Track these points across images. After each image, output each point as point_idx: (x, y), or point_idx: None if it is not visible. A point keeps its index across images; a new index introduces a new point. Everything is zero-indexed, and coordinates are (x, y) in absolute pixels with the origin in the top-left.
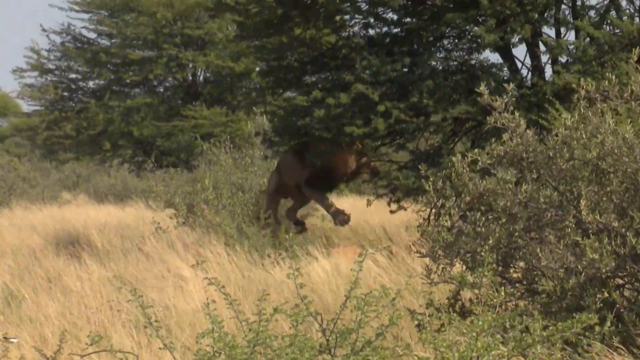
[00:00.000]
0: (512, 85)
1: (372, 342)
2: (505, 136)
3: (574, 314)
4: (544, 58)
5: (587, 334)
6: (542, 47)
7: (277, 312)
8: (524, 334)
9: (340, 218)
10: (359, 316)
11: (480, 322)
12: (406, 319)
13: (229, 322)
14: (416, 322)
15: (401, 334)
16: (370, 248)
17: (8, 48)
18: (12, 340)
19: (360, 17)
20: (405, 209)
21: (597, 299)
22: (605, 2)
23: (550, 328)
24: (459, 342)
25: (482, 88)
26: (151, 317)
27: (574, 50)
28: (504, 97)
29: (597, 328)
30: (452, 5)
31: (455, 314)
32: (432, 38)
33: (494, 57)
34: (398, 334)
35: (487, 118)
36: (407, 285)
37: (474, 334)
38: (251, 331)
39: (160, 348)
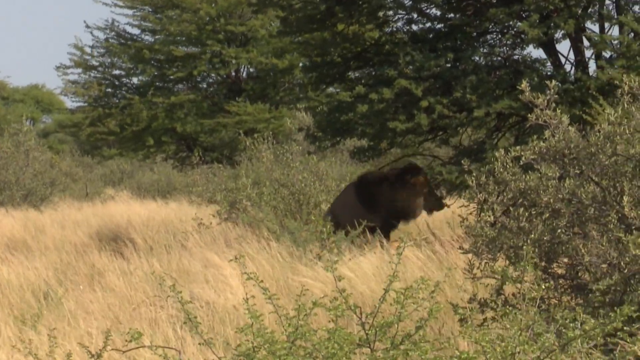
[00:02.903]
0: (554, 82)
1: (412, 336)
2: (547, 133)
3: (616, 308)
4: (588, 53)
5: (626, 328)
6: (585, 43)
7: (316, 306)
8: (565, 329)
9: None
10: (398, 309)
11: (524, 317)
12: (449, 314)
13: (269, 317)
14: (459, 317)
15: (443, 329)
16: (410, 241)
17: (52, 45)
18: None
19: (404, 12)
20: (449, 207)
21: None
22: None
23: (592, 322)
24: (501, 337)
25: (524, 85)
26: (191, 313)
27: (618, 46)
28: (547, 93)
29: None
30: (495, 1)
31: (499, 309)
32: (475, 34)
33: (538, 53)
34: (440, 329)
35: (529, 115)
36: (449, 280)
37: (517, 328)
38: (290, 326)
39: (200, 344)
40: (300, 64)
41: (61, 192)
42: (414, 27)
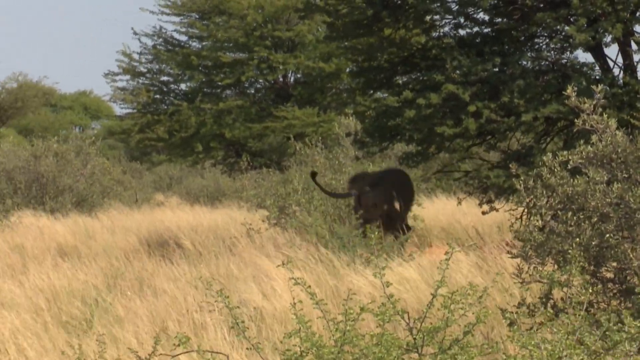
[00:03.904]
0: (601, 86)
1: (460, 341)
2: (594, 137)
3: None
4: (636, 57)
5: None
6: (634, 46)
7: (364, 311)
8: (613, 332)
9: None
10: (446, 314)
11: (571, 321)
12: (497, 318)
13: (317, 322)
14: (508, 321)
15: (492, 333)
16: (459, 247)
17: (100, 52)
18: None
19: (451, 17)
20: (497, 210)
21: None
22: None
23: (639, 325)
24: (548, 341)
25: (570, 90)
26: (238, 318)
27: None
28: (594, 98)
29: None
30: (542, 5)
31: (546, 313)
32: (523, 38)
33: (586, 57)
34: (488, 333)
35: (576, 120)
36: (497, 284)
37: (564, 332)
38: (338, 331)
39: (247, 348)
40: (348, 69)
41: (112, 198)
42: (461, 32)
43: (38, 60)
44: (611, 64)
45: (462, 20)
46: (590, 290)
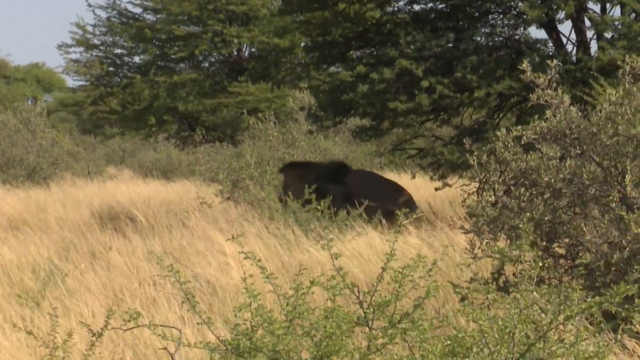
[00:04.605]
0: (555, 61)
1: (410, 314)
2: (549, 112)
3: (613, 286)
4: (589, 34)
5: (627, 306)
6: (587, 23)
7: (314, 285)
8: (562, 307)
9: None
10: (397, 288)
11: (522, 297)
12: (448, 293)
13: (268, 296)
14: (459, 296)
15: (443, 308)
16: (408, 219)
17: (53, 23)
18: None
19: None
20: (450, 186)
21: None
22: None
23: (589, 300)
24: (500, 317)
25: (525, 65)
26: (189, 293)
27: (619, 26)
28: (548, 73)
29: (637, 300)
30: None
31: (496, 290)
32: (477, 14)
33: (539, 33)
34: (439, 308)
35: (531, 95)
36: (451, 260)
37: (517, 308)
38: (289, 305)
39: (198, 323)
40: (302, 44)
41: (63, 170)
42: (416, 7)
43: None
44: (564, 40)
45: None
46: (542, 266)
